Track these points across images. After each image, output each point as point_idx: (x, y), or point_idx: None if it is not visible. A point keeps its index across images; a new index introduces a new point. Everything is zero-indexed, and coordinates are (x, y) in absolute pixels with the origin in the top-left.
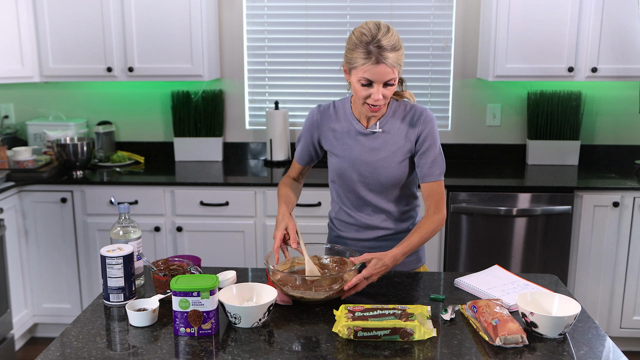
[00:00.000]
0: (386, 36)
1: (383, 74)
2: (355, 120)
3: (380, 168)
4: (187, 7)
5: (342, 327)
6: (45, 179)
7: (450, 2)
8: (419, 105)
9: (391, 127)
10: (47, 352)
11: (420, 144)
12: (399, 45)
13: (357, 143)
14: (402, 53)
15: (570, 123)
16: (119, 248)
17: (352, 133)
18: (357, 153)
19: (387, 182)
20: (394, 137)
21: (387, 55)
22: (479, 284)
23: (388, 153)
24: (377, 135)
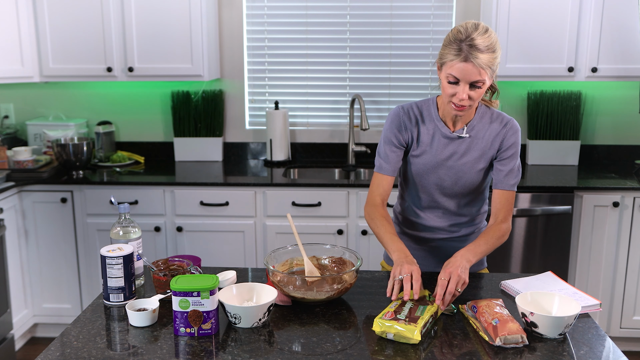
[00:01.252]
0: (482, 36)
1: (469, 73)
2: (441, 123)
3: (461, 173)
4: (187, 7)
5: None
6: (45, 179)
7: (450, 2)
8: (504, 113)
9: (477, 133)
10: (47, 352)
11: (502, 152)
12: (493, 48)
13: (441, 146)
14: (495, 57)
15: (570, 123)
16: (119, 248)
17: (438, 135)
18: (440, 156)
19: (464, 188)
20: (479, 143)
21: (477, 54)
22: (525, 289)
23: (471, 159)
24: (462, 139)
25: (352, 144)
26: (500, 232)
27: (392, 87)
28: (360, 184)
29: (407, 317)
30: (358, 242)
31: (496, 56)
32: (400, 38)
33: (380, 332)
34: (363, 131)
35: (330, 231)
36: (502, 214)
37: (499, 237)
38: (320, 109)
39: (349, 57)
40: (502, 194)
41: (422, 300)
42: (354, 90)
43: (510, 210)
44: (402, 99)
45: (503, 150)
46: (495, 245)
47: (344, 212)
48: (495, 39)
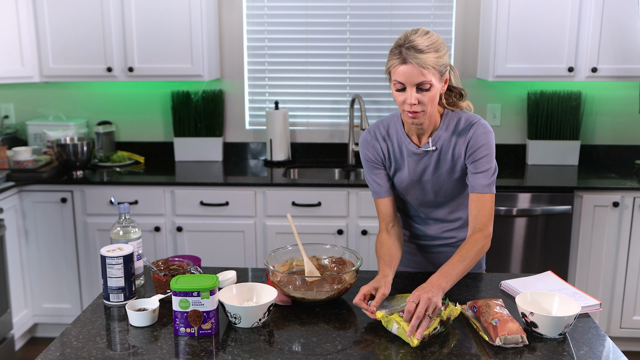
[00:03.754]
0: (421, 37)
1: (412, 74)
2: (407, 139)
3: (438, 185)
4: (187, 7)
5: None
6: (45, 179)
7: (450, 2)
8: (473, 115)
9: (444, 143)
10: (47, 352)
11: (470, 155)
12: (435, 48)
13: (412, 163)
14: (438, 56)
15: (570, 123)
16: (119, 248)
17: (405, 152)
18: (414, 173)
19: (446, 197)
20: (448, 153)
21: (415, 54)
22: (525, 289)
23: (444, 170)
24: (430, 153)
25: (352, 144)
26: (477, 245)
27: None
28: (360, 184)
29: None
30: (358, 242)
31: (439, 55)
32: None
33: (385, 322)
34: (363, 131)
35: (330, 231)
36: (480, 220)
37: (478, 251)
38: (320, 109)
39: (349, 57)
40: (476, 197)
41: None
42: (354, 90)
43: (488, 215)
44: None
45: (471, 153)
46: (474, 261)
47: (344, 212)
48: (437, 39)
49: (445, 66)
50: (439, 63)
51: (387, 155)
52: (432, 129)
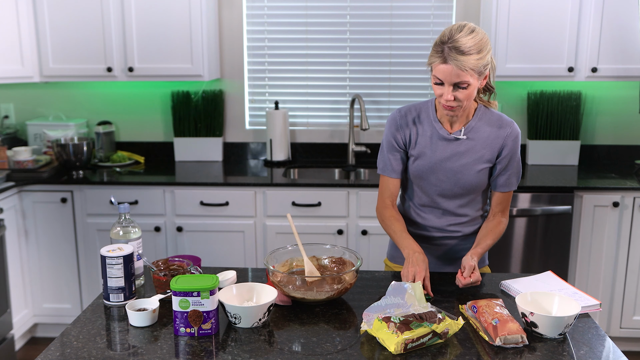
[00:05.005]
0: (466, 37)
1: (450, 74)
2: (439, 124)
3: (459, 174)
4: (187, 7)
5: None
6: (45, 179)
7: (450, 2)
8: (506, 116)
9: (475, 135)
10: (47, 352)
11: (503, 156)
12: (477, 49)
13: (439, 147)
14: (480, 57)
15: (570, 123)
16: (119, 248)
17: (435, 137)
18: (439, 157)
19: (463, 189)
20: (478, 144)
21: (457, 56)
22: (525, 289)
23: (469, 160)
24: (460, 141)
25: (352, 144)
26: (501, 227)
27: (392, 87)
28: (360, 184)
29: (401, 323)
30: (358, 242)
31: (481, 57)
32: (400, 38)
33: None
34: (363, 131)
35: (330, 231)
36: (500, 209)
37: (501, 233)
38: (320, 109)
39: (349, 57)
40: (502, 195)
41: (432, 316)
42: (354, 90)
43: (508, 207)
44: (402, 99)
45: (504, 155)
46: (496, 240)
47: (344, 212)
48: (482, 38)
49: (486, 65)
50: (480, 64)
51: (415, 139)
52: (465, 119)
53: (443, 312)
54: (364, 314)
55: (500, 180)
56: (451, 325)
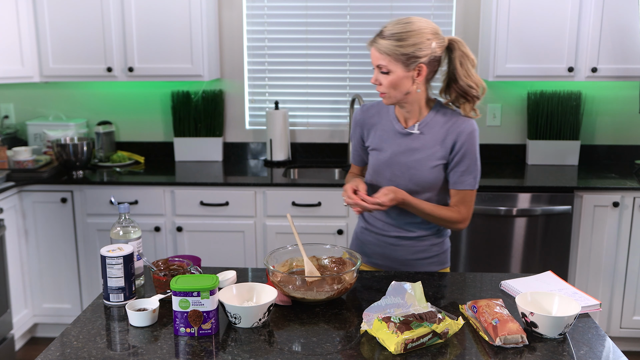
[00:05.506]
0: (393, 25)
1: (373, 57)
2: (396, 120)
3: (413, 169)
4: (187, 7)
5: (397, 343)
6: (45, 179)
7: (450, 2)
8: (462, 116)
9: (430, 131)
10: (47, 352)
11: (455, 153)
12: (398, 37)
13: (394, 142)
14: (399, 45)
15: (570, 123)
16: (119, 248)
17: (391, 132)
18: (394, 152)
19: (417, 185)
20: (431, 140)
21: (377, 39)
22: (525, 289)
23: (423, 156)
24: (414, 136)
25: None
26: (451, 214)
27: None
28: None
29: (401, 323)
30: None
31: (401, 45)
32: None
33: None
34: None
35: (330, 231)
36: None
37: (448, 218)
38: (320, 109)
39: (349, 57)
40: (457, 192)
41: (432, 316)
42: (354, 90)
43: (469, 208)
44: None
45: (456, 151)
46: (436, 219)
47: (344, 212)
48: (413, 29)
49: (413, 57)
50: (398, 52)
51: (374, 134)
52: (419, 115)
53: (443, 312)
54: (364, 314)
55: (453, 177)
56: (451, 325)
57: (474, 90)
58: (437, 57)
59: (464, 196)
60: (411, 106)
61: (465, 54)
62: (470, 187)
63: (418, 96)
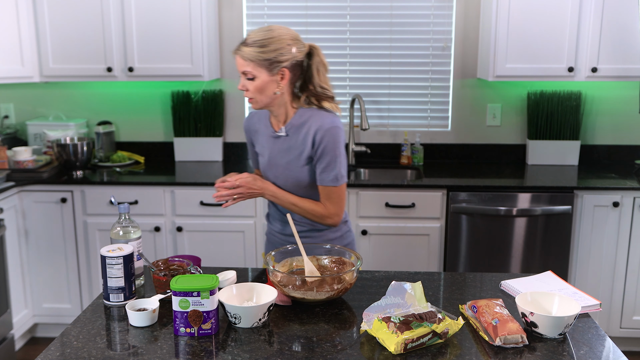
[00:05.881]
0: (255, 33)
1: (238, 63)
2: (269, 125)
3: (287, 170)
4: (187, 7)
5: (397, 343)
6: (45, 179)
7: (450, 2)
8: (325, 113)
9: (296, 132)
10: (47, 352)
11: (315, 151)
12: (260, 43)
13: (270, 146)
14: (262, 51)
15: (570, 123)
16: (119, 248)
17: (267, 137)
18: (270, 155)
19: (294, 185)
20: (298, 141)
21: (241, 47)
22: (525, 289)
23: (292, 157)
24: (283, 139)
25: (352, 144)
26: (316, 208)
27: (392, 87)
28: (360, 184)
29: (401, 323)
30: (358, 242)
31: (264, 51)
32: (400, 38)
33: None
34: (363, 131)
35: None
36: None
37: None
38: None
39: (349, 57)
40: (322, 189)
41: (432, 316)
42: (354, 90)
43: (335, 204)
44: (402, 99)
45: (315, 147)
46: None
47: None
48: (274, 36)
49: (275, 62)
50: (262, 58)
51: (257, 139)
52: (285, 118)
53: (443, 312)
54: (364, 314)
55: (316, 173)
56: (451, 325)
57: (327, 92)
58: (299, 62)
59: (328, 192)
60: (278, 110)
61: (322, 61)
62: (331, 184)
63: (283, 99)
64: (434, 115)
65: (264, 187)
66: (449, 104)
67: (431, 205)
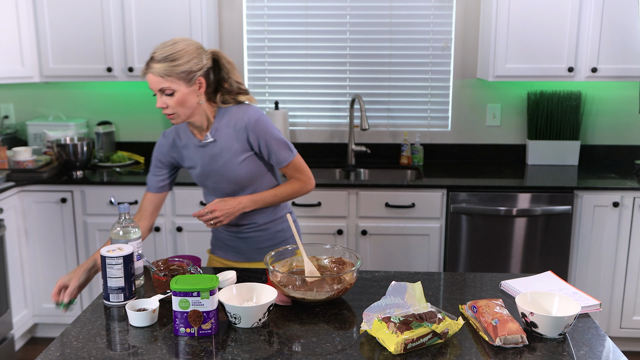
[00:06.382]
0: (163, 49)
1: (153, 82)
2: (192, 136)
3: (226, 172)
4: (187, 7)
5: (397, 343)
6: (45, 179)
7: (450, 2)
8: (243, 107)
9: (221, 134)
10: (47, 352)
11: (257, 144)
12: (171, 58)
13: (199, 156)
14: (175, 65)
15: (570, 123)
16: (119, 248)
17: (192, 147)
18: (202, 165)
19: (238, 183)
20: (227, 142)
21: (152, 65)
22: (525, 289)
23: (227, 158)
24: (211, 145)
25: (352, 144)
26: (292, 187)
27: (392, 87)
28: (360, 184)
29: (401, 323)
30: (358, 242)
31: (177, 65)
32: (400, 38)
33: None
34: (363, 131)
35: (330, 231)
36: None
37: (291, 192)
38: (320, 109)
39: (349, 57)
40: (287, 168)
41: (431, 316)
42: (354, 90)
43: (304, 171)
44: (402, 99)
45: (256, 143)
46: (286, 197)
47: (344, 212)
48: (183, 49)
49: (191, 73)
50: (177, 71)
51: (183, 155)
52: (207, 124)
53: (443, 312)
54: (364, 314)
55: (274, 161)
56: (451, 325)
57: (242, 86)
58: (209, 68)
59: (293, 166)
60: (200, 118)
61: (229, 60)
62: (291, 158)
63: (203, 107)
64: (434, 115)
65: (239, 202)
66: (449, 104)
67: (431, 205)
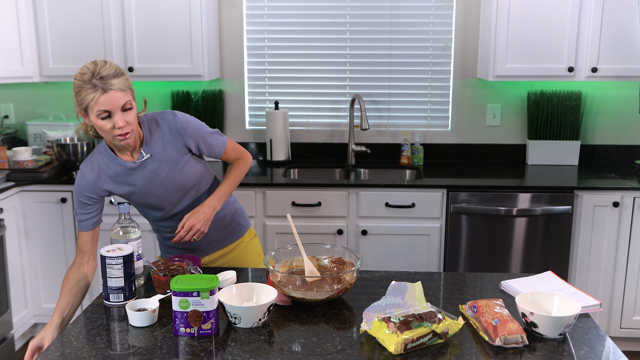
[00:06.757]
0: (104, 67)
1: (115, 100)
2: (120, 160)
3: (172, 183)
4: (187, 7)
5: (397, 343)
6: (45, 179)
7: (450, 2)
8: (158, 113)
9: (155, 148)
10: (47, 352)
11: (195, 146)
12: (120, 72)
13: (136, 177)
14: (127, 78)
15: (570, 123)
16: (119, 248)
17: (126, 173)
18: (142, 183)
19: (185, 188)
20: (163, 153)
21: (111, 82)
22: (525, 289)
23: (168, 168)
24: (149, 160)
25: (352, 144)
26: (239, 168)
27: (392, 87)
28: (360, 184)
29: (401, 323)
30: (358, 242)
31: (127, 77)
32: (400, 38)
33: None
34: (363, 131)
35: (330, 231)
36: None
37: (242, 170)
38: (320, 109)
39: (349, 57)
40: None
41: (432, 316)
42: (354, 90)
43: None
44: (402, 99)
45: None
46: (239, 179)
47: (343, 212)
48: (116, 65)
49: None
50: (129, 84)
51: (113, 185)
52: (139, 140)
53: (443, 312)
54: (364, 314)
55: (212, 153)
56: (451, 325)
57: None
58: None
59: (230, 150)
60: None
61: None
62: (224, 144)
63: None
64: (434, 115)
65: (209, 206)
66: (449, 104)
67: (431, 205)
